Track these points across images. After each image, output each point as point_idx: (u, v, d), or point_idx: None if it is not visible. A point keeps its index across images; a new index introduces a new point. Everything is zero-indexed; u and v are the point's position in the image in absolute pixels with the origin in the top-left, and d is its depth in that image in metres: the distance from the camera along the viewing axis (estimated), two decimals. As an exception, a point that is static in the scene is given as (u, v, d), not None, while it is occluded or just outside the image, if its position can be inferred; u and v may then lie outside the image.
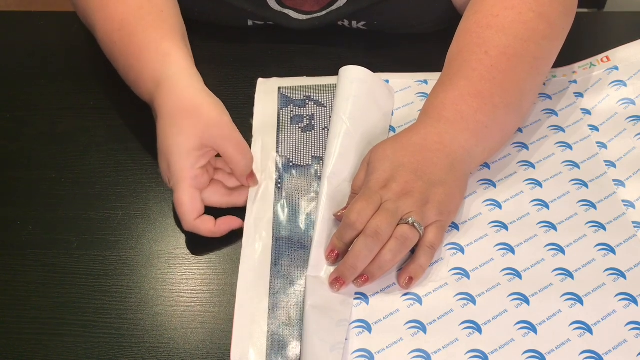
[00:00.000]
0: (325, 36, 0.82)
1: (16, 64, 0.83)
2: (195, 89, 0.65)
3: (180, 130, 0.62)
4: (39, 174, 0.70)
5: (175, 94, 0.64)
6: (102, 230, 0.65)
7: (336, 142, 0.66)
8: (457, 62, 0.66)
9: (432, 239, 0.59)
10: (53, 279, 0.62)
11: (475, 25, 0.67)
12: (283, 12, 0.80)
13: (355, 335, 0.56)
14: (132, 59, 0.69)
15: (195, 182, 0.62)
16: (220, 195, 0.65)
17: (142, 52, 0.68)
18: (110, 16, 0.70)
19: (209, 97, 0.65)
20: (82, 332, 0.58)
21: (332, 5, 0.78)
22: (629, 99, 0.74)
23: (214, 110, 0.64)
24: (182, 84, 0.65)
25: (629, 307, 0.57)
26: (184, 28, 0.73)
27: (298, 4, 0.79)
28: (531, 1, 0.66)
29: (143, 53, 0.68)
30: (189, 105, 0.63)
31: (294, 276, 0.60)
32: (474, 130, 0.63)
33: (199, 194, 0.62)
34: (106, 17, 0.71)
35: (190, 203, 0.62)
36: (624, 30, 0.86)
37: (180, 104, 0.63)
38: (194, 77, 0.66)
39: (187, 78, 0.66)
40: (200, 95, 0.64)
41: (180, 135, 0.62)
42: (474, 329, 0.56)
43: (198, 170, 0.62)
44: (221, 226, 0.63)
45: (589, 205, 0.65)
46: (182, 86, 0.65)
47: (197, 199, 0.62)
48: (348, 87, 0.70)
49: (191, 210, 0.62)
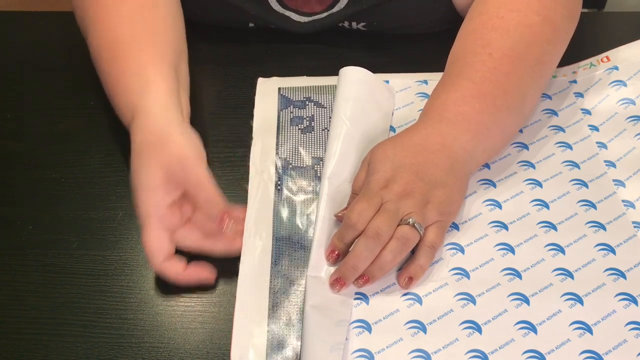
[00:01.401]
0: (325, 36, 0.82)
1: (16, 64, 0.83)
2: (168, 121, 0.62)
3: (145, 165, 0.60)
4: (39, 174, 0.70)
5: (146, 126, 0.62)
6: (102, 230, 0.65)
7: (336, 142, 0.66)
8: (460, 63, 0.66)
9: (433, 239, 0.59)
10: (53, 279, 0.62)
11: (480, 26, 0.67)
12: (285, 14, 0.80)
13: (355, 335, 0.56)
14: (115, 82, 0.67)
15: (162, 221, 0.59)
16: (194, 238, 0.61)
17: (125, 77, 0.66)
18: (104, 32, 0.69)
19: (180, 130, 0.61)
20: (82, 332, 0.58)
21: (333, 7, 0.78)
22: (629, 99, 0.74)
23: (181, 144, 0.60)
24: (155, 115, 0.62)
25: (629, 307, 0.57)
26: (179, 50, 0.70)
27: (300, 4, 0.79)
28: (536, 4, 0.66)
29: (125, 78, 0.66)
30: (156, 139, 0.60)
31: (294, 276, 0.60)
32: (475, 132, 0.63)
33: (166, 235, 0.59)
34: (100, 31, 0.69)
35: (156, 244, 0.58)
36: (624, 30, 0.86)
37: (149, 137, 0.61)
38: (170, 108, 0.63)
39: (162, 110, 0.62)
40: (170, 128, 0.61)
41: (145, 170, 0.60)
42: (474, 329, 0.56)
43: (165, 209, 0.59)
44: (189, 274, 0.59)
45: (589, 205, 0.65)
46: (155, 118, 0.62)
47: (163, 239, 0.58)
48: (348, 87, 0.70)
49: (156, 251, 0.58)
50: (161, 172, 0.59)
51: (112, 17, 0.69)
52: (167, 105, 0.63)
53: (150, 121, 0.62)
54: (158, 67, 0.66)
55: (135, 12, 0.69)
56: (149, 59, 0.66)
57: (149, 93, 0.63)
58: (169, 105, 0.63)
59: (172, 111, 0.63)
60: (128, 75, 0.65)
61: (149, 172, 0.59)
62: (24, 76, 0.81)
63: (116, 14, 0.69)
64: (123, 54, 0.66)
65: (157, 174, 0.59)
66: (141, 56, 0.66)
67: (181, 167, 0.59)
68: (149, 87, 0.64)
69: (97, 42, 0.69)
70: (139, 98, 0.63)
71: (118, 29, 0.68)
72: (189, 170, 0.60)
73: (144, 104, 0.63)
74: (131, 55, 0.66)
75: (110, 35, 0.68)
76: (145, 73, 0.65)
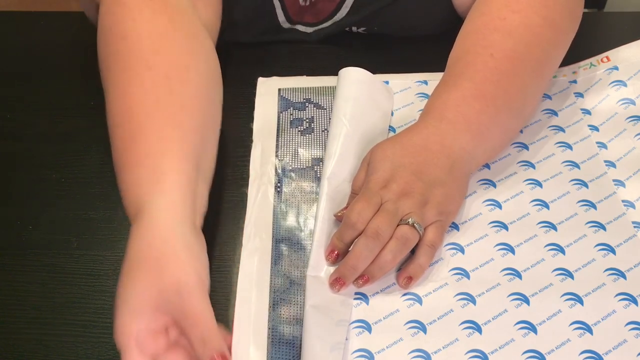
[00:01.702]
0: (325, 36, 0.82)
1: (16, 64, 0.83)
2: (174, 233, 0.53)
3: (136, 285, 0.51)
4: (39, 174, 0.70)
5: (147, 235, 0.53)
6: (102, 230, 0.65)
7: (336, 142, 0.66)
8: (462, 63, 0.66)
9: (433, 239, 0.59)
10: (53, 279, 0.62)
11: (482, 27, 0.67)
12: (293, 28, 0.81)
13: (355, 335, 0.56)
14: (123, 166, 0.58)
15: (143, 348, 0.51)
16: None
17: (136, 164, 0.57)
18: (121, 100, 0.59)
19: (185, 245, 0.53)
20: (82, 332, 0.58)
21: (334, 15, 0.79)
22: (629, 99, 0.74)
23: (182, 266, 0.51)
24: (160, 223, 0.53)
25: (629, 307, 0.57)
26: (208, 127, 0.61)
27: (305, 17, 0.80)
28: (538, 6, 0.66)
29: (135, 166, 0.57)
30: (155, 254, 0.52)
31: (294, 276, 0.60)
32: (475, 132, 0.63)
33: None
34: (116, 98, 0.60)
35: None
36: (624, 30, 0.86)
37: (147, 251, 0.52)
38: (180, 213, 0.54)
39: (170, 215, 0.53)
40: (173, 242, 0.52)
41: (134, 292, 0.51)
42: (474, 329, 0.56)
43: (146, 334, 0.51)
44: None
45: (589, 205, 0.65)
46: (159, 227, 0.53)
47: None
48: (347, 88, 0.71)
49: None
50: (153, 296, 0.51)
51: (133, 84, 0.59)
52: (176, 209, 0.54)
53: (152, 230, 0.53)
54: (175, 155, 0.56)
55: (161, 82, 0.59)
56: (166, 145, 0.57)
57: (159, 190, 0.55)
58: (178, 209, 0.54)
59: (181, 217, 0.54)
60: (139, 162, 0.56)
61: (137, 294, 0.51)
62: (24, 76, 0.81)
63: (138, 81, 0.59)
64: (138, 136, 0.57)
65: (148, 299, 0.51)
66: (158, 141, 0.57)
67: (178, 295, 0.51)
68: (160, 182, 0.55)
69: (112, 109, 0.60)
70: (146, 193, 0.55)
71: (137, 100, 0.58)
72: (186, 300, 0.51)
73: (151, 204, 0.54)
74: (146, 139, 0.57)
75: (127, 106, 0.59)
76: (160, 164, 0.56)
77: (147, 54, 0.60)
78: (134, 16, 0.61)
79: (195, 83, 0.61)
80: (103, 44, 0.63)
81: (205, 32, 0.67)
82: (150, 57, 0.60)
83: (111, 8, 0.63)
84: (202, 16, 0.68)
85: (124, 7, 0.62)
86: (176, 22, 0.63)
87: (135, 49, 0.60)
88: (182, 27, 0.63)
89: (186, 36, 0.63)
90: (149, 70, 0.59)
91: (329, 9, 0.79)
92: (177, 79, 0.60)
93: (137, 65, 0.59)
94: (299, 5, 0.79)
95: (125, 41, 0.61)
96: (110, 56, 0.61)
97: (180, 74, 0.60)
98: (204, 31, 0.66)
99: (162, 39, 0.61)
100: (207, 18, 0.69)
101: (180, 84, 0.60)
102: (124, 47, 0.60)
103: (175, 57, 0.61)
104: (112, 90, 0.60)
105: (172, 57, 0.61)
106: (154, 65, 0.59)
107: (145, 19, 0.61)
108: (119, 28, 0.61)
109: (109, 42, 0.62)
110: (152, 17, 0.61)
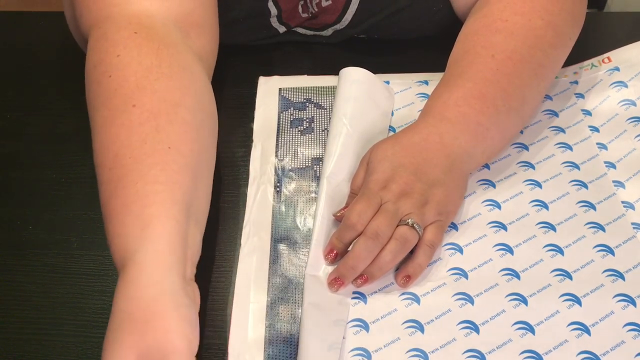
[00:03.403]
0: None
1: (16, 64, 0.83)
2: (161, 291, 0.49)
3: (118, 348, 0.48)
4: (39, 174, 0.70)
5: (132, 291, 0.49)
6: (102, 230, 0.65)
7: (336, 142, 0.66)
8: (463, 64, 0.66)
9: (432, 238, 0.59)
10: (53, 279, 0.62)
11: (484, 28, 0.67)
12: (293, 30, 0.81)
13: (353, 334, 0.56)
14: (109, 213, 0.54)
15: None
16: None
17: (122, 211, 0.53)
18: (106, 140, 0.56)
19: (173, 304, 0.49)
20: (82, 332, 0.58)
21: (334, 25, 0.79)
22: (630, 100, 0.74)
23: (170, 329, 0.48)
24: (146, 280, 0.49)
25: (627, 308, 0.57)
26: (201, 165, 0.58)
27: (305, 24, 0.80)
28: (541, 9, 0.66)
29: (122, 213, 0.53)
30: (140, 314, 0.48)
31: (292, 275, 0.60)
32: (474, 132, 0.63)
33: None
34: (101, 137, 0.56)
35: None
36: (624, 30, 0.86)
37: (132, 311, 0.49)
38: (167, 266, 0.50)
39: (158, 270, 0.50)
40: (161, 301, 0.49)
41: (115, 349, 0.48)
42: (471, 328, 0.56)
43: None
44: None
45: (588, 206, 0.65)
46: (146, 284, 0.49)
47: None
48: (348, 88, 0.71)
49: None
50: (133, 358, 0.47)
51: (118, 123, 0.56)
52: (164, 259, 0.51)
53: (138, 286, 0.49)
54: (163, 200, 0.53)
55: (147, 121, 0.55)
56: (153, 188, 0.53)
57: (146, 238, 0.51)
58: (166, 260, 0.51)
59: (169, 269, 0.50)
60: (125, 208, 0.53)
61: (119, 353, 0.48)
62: (24, 76, 0.81)
63: (123, 120, 0.56)
64: (123, 180, 0.54)
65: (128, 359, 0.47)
66: (144, 185, 0.53)
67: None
68: (146, 229, 0.51)
69: (97, 149, 0.57)
70: (132, 242, 0.51)
71: (122, 141, 0.55)
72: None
73: (137, 257, 0.51)
74: (132, 183, 0.53)
75: (112, 147, 0.55)
76: (146, 210, 0.52)
77: (132, 91, 0.57)
78: (119, 52, 0.59)
79: (185, 120, 0.57)
80: (89, 81, 0.60)
81: (197, 64, 0.63)
82: (135, 94, 0.57)
83: (97, 44, 0.61)
84: (195, 45, 0.65)
85: (109, 43, 0.60)
86: (164, 56, 0.59)
87: (120, 87, 0.57)
88: (170, 61, 0.59)
89: (175, 70, 0.59)
90: (134, 108, 0.56)
91: (329, 21, 0.79)
92: (165, 116, 0.56)
93: (122, 104, 0.56)
94: (300, 18, 0.79)
95: (110, 80, 0.58)
96: (96, 95, 0.59)
97: (168, 111, 0.57)
98: (196, 63, 0.63)
99: (148, 75, 0.58)
100: (201, 47, 0.66)
101: (168, 122, 0.56)
102: (109, 86, 0.58)
103: (162, 94, 0.57)
104: (98, 131, 0.57)
105: (158, 94, 0.57)
106: (139, 104, 0.56)
107: (131, 55, 0.58)
108: (104, 65, 0.59)
109: (94, 80, 0.60)
110: (138, 53, 0.59)
